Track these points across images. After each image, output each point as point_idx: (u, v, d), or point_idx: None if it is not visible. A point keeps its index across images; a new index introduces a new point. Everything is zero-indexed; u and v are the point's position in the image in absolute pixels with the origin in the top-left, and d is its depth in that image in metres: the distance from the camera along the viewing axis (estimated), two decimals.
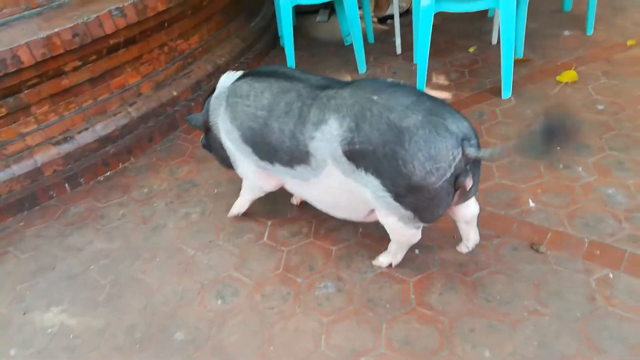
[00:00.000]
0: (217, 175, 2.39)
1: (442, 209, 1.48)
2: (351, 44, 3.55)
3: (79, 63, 2.44)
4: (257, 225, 2.08)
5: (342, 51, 3.48)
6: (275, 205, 2.14)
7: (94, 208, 2.31)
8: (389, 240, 1.71)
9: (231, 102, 1.78)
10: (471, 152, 1.38)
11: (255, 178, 1.88)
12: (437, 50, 3.16)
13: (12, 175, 2.35)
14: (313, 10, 4.08)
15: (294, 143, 1.59)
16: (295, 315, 1.67)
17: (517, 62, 2.88)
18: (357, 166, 1.48)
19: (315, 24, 3.94)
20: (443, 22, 3.45)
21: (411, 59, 3.19)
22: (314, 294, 1.73)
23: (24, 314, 1.85)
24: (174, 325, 1.71)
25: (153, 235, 2.12)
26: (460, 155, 1.37)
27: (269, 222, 2.08)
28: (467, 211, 1.63)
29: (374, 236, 1.91)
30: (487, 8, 2.51)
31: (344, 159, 1.49)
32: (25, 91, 2.32)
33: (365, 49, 3.22)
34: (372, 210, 1.60)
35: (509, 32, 2.43)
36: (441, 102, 1.47)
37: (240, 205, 2.07)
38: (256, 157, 1.76)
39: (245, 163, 1.85)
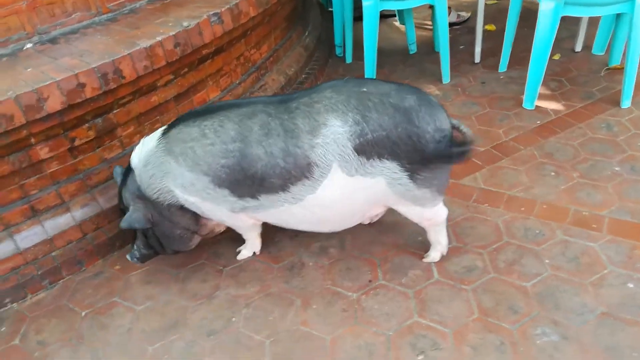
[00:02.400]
0: None
1: (448, 175, 1.62)
2: (415, 53, 3.36)
3: (171, 77, 2.09)
4: (417, 260, 1.80)
5: (410, 60, 3.27)
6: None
7: (206, 244, 1.95)
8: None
9: (181, 151, 1.55)
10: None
11: (232, 221, 1.74)
12: (517, 59, 3.00)
13: (99, 210, 1.96)
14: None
15: (290, 160, 1.49)
16: None
17: (614, 70, 2.77)
18: (369, 157, 1.48)
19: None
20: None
21: (492, 67, 3.02)
22: (535, 343, 1.47)
23: None
24: None
25: (292, 276, 1.80)
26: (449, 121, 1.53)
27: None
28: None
29: (566, 269, 1.68)
30: (619, 12, 2.36)
31: (353, 156, 1.47)
32: (116, 110, 1.95)
33: (432, 58, 3.03)
34: (366, 212, 1.66)
35: (636, 39, 2.29)
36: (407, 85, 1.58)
37: (252, 245, 1.88)
38: (233, 198, 1.57)
39: (217, 211, 1.65)
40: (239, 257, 1.90)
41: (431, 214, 1.66)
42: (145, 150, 1.64)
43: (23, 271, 1.84)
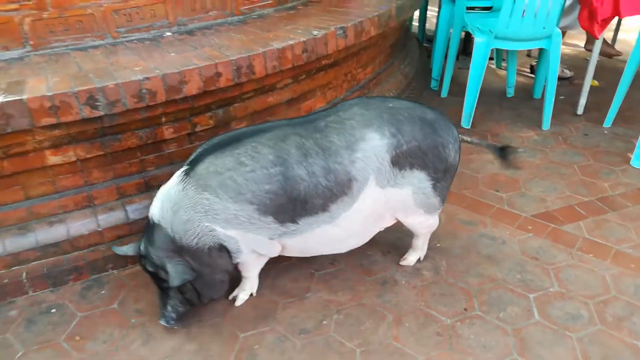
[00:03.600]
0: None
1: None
2: (513, 96, 3.33)
3: (289, 81, 2.17)
4: (515, 297, 1.74)
5: (507, 103, 3.24)
6: (527, 274, 1.81)
7: None
8: None
9: (219, 184, 1.45)
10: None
11: (267, 249, 1.62)
12: (624, 116, 2.91)
13: None
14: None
15: (332, 177, 1.50)
16: None
17: None
18: (401, 168, 1.56)
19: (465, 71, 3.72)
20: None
21: (595, 121, 2.94)
22: None
23: None
24: None
25: (385, 291, 1.78)
26: None
27: (531, 296, 1.74)
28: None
29: None
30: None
31: (388, 167, 1.54)
32: (236, 104, 2.03)
33: (530, 104, 2.99)
34: (381, 226, 1.72)
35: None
36: None
37: (252, 285, 1.77)
38: (276, 225, 1.51)
39: (255, 242, 1.56)
40: (237, 302, 1.75)
41: (432, 222, 1.77)
42: (168, 199, 1.49)
43: (128, 240, 1.91)
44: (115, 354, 1.55)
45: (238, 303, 1.75)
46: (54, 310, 1.73)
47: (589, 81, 2.97)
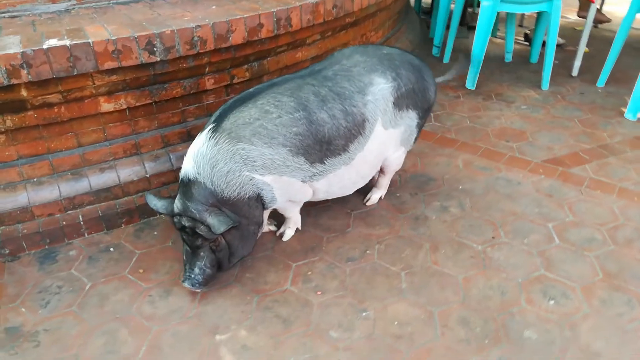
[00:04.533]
0: (448, 170, 2.25)
1: None
2: (510, 62, 3.52)
3: (318, 37, 2.29)
4: (536, 226, 1.92)
5: (506, 67, 3.43)
6: (543, 208, 2.00)
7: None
8: None
9: (252, 132, 1.52)
10: None
11: (299, 192, 1.70)
12: (615, 77, 3.13)
13: None
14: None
15: (350, 119, 1.64)
16: None
17: None
18: (400, 108, 1.76)
19: (470, 36, 3.88)
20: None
21: (590, 81, 3.15)
22: None
23: (319, 293, 1.64)
24: (516, 324, 1.52)
25: (418, 225, 1.94)
26: None
27: (550, 225, 1.93)
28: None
29: None
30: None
31: (392, 108, 1.73)
32: (270, 58, 2.15)
33: (528, 67, 3.19)
34: (377, 169, 1.91)
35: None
36: None
37: (296, 221, 1.89)
38: (307, 165, 1.61)
39: (290, 185, 1.64)
40: (285, 237, 1.88)
41: (403, 158, 1.97)
42: (202, 156, 1.52)
43: (173, 187, 2.02)
44: (180, 282, 1.66)
45: (285, 238, 1.88)
46: (112, 249, 1.84)
47: (584, 44, 3.17)
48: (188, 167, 1.54)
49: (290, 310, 1.58)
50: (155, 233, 1.92)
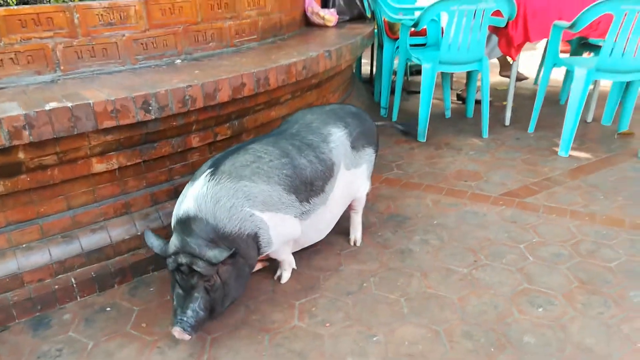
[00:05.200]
0: (419, 209, 2.44)
1: None
2: (450, 117, 3.90)
3: (289, 96, 2.49)
4: (509, 248, 2.11)
5: (447, 122, 3.79)
6: (511, 232, 2.21)
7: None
8: None
9: (252, 172, 1.67)
10: None
11: (292, 229, 1.81)
12: (541, 124, 3.56)
13: None
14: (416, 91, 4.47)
15: (323, 164, 1.86)
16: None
17: (624, 134, 3.34)
18: (358, 149, 2.02)
19: (409, 99, 4.26)
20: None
21: (521, 129, 3.55)
22: (633, 301, 1.77)
23: (327, 325, 1.69)
24: (514, 331, 1.65)
25: (405, 258, 2.07)
26: None
27: (521, 246, 2.13)
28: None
29: (638, 256, 2.02)
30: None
31: (349, 150, 1.98)
32: (249, 116, 2.30)
33: (465, 121, 3.58)
34: (343, 210, 2.08)
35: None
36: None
37: (290, 262, 1.98)
38: (297, 203, 1.77)
39: (284, 222, 1.76)
40: (283, 280, 1.95)
41: (367, 192, 2.18)
42: (203, 195, 1.61)
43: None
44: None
45: (284, 280, 1.93)
46: (109, 309, 1.80)
47: (511, 98, 3.61)
48: (189, 206, 1.60)
49: (303, 344, 1.61)
50: (151, 289, 1.90)
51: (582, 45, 3.83)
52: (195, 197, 1.61)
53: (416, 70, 5.17)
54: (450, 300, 1.80)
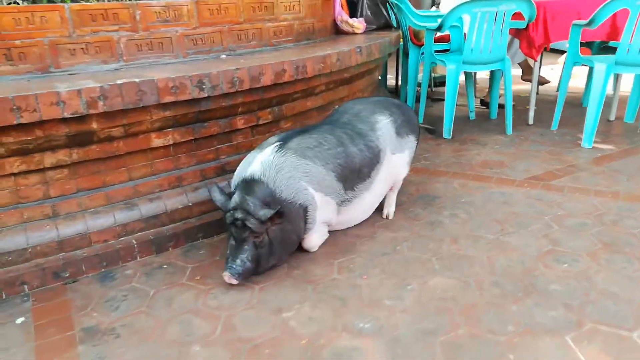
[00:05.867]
0: (447, 190, 2.58)
1: None
2: (475, 119, 4.05)
3: (323, 88, 2.69)
4: (534, 220, 2.23)
5: (472, 123, 3.93)
6: (537, 208, 2.33)
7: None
8: None
9: (314, 155, 1.90)
10: None
11: (331, 215, 2.01)
12: (563, 121, 3.68)
13: None
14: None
15: (371, 151, 2.08)
16: None
17: None
18: (401, 136, 2.22)
19: (433, 106, 4.44)
20: None
21: (544, 126, 3.68)
22: None
23: (365, 277, 1.83)
24: (541, 282, 1.76)
25: (434, 227, 2.20)
26: None
27: (546, 217, 2.24)
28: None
29: None
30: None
31: (394, 136, 2.19)
32: (287, 104, 2.51)
33: (490, 122, 3.72)
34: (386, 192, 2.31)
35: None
36: None
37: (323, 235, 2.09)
38: (342, 191, 1.99)
39: (328, 206, 1.96)
40: (390, 216, 2.32)
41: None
42: (269, 162, 1.82)
43: (212, 215, 2.23)
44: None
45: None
46: (165, 266, 1.98)
47: (533, 98, 3.75)
48: (255, 169, 1.83)
49: (343, 292, 1.76)
50: (201, 252, 2.08)
51: (602, 49, 3.96)
52: (262, 162, 1.84)
53: (439, 82, 5.37)
54: (479, 259, 1.93)
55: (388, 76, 5.31)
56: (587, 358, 1.39)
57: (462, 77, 3.69)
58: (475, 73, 4.15)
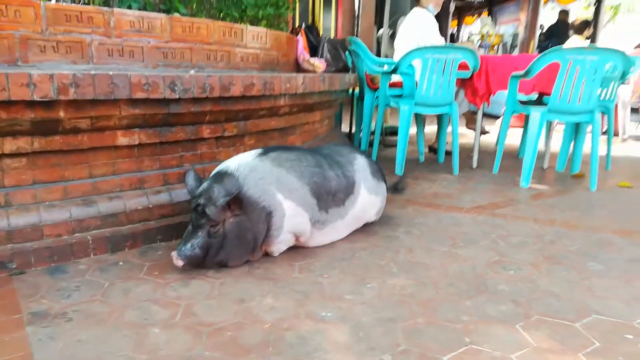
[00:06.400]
0: (402, 213, 2.70)
1: None
2: (424, 162, 4.29)
3: (287, 109, 2.81)
4: (483, 236, 2.37)
5: (422, 165, 4.17)
6: (484, 228, 2.48)
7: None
8: None
9: (290, 166, 2.01)
10: None
11: (304, 227, 2.05)
12: (503, 167, 3.98)
13: None
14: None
15: (347, 179, 2.20)
16: None
17: (577, 176, 3.77)
18: (377, 179, 2.36)
19: (385, 150, 4.66)
20: None
21: (487, 170, 3.95)
22: (586, 266, 2.03)
23: (325, 276, 1.87)
24: (491, 283, 1.86)
25: (392, 241, 2.29)
26: None
27: (493, 235, 2.39)
28: None
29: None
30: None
31: (370, 176, 2.31)
32: (252, 120, 2.60)
33: (438, 165, 3.99)
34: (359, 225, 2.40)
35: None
36: None
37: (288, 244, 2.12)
38: (317, 208, 2.05)
39: (301, 217, 2.01)
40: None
41: None
42: (246, 163, 1.93)
43: (173, 219, 2.21)
44: (195, 276, 1.81)
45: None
46: (121, 263, 1.93)
47: (477, 144, 4.04)
48: (231, 164, 1.95)
49: (305, 287, 1.78)
50: (159, 253, 2.05)
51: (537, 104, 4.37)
52: (239, 161, 1.97)
53: (390, 132, 5.66)
54: (434, 265, 2.02)
55: (343, 124, 5.54)
56: (535, 342, 1.48)
57: (412, 130, 3.93)
58: (424, 121, 4.44)
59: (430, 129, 5.55)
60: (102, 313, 1.54)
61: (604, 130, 4.94)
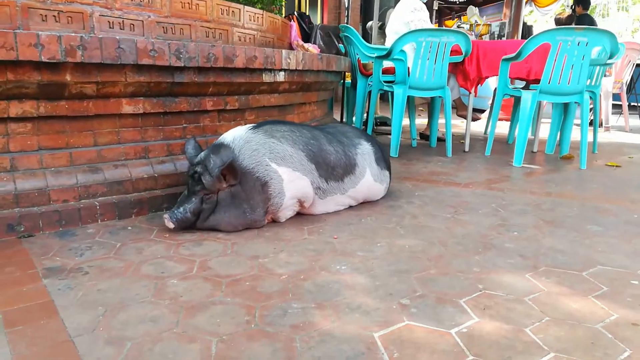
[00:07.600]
0: (401, 187, 2.73)
1: None
2: (416, 147, 4.35)
3: (286, 86, 2.83)
4: (484, 205, 2.42)
5: (415, 149, 4.22)
6: (483, 199, 2.53)
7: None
8: None
9: (282, 136, 2.03)
10: None
11: (306, 190, 2.06)
12: (495, 150, 4.06)
13: None
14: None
15: (346, 158, 2.20)
16: None
17: (565, 157, 3.87)
18: (381, 168, 2.36)
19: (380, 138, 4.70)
20: None
21: (479, 152, 4.03)
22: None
23: (335, 237, 1.89)
24: (497, 242, 1.91)
25: (395, 209, 2.32)
26: None
27: (493, 205, 2.45)
28: None
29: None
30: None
31: (375, 164, 2.31)
32: (253, 94, 2.61)
33: (430, 149, 4.04)
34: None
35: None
36: None
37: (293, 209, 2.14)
38: (316, 173, 2.07)
39: (301, 181, 2.03)
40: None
41: None
42: (240, 135, 1.97)
43: (178, 188, 2.21)
44: (207, 237, 1.81)
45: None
46: (130, 228, 1.93)
47: (469, 128, 4.11)
48: (227, 137, 1.96)
49: (317, 246, 1.80)
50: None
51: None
52: (235, 134, 2.00)
53: (380, 122, 5.72)
54: (439, 228, 2.06)
55: (334, 114, 5.58)
56: (546, 287, 1.52)
57: (405, 122, 3.99)
58: (416, 109, 4.50)
59: (420, 120, 5.62)
60: (118, 267, 1.54)
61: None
